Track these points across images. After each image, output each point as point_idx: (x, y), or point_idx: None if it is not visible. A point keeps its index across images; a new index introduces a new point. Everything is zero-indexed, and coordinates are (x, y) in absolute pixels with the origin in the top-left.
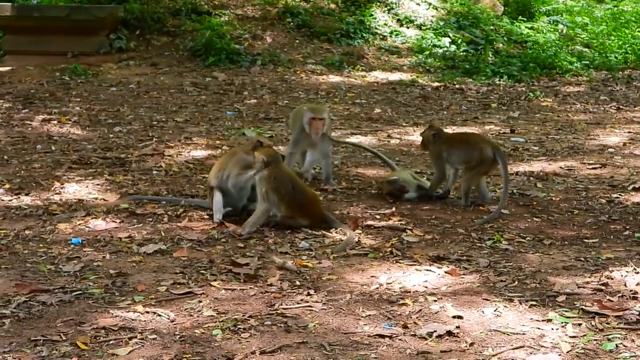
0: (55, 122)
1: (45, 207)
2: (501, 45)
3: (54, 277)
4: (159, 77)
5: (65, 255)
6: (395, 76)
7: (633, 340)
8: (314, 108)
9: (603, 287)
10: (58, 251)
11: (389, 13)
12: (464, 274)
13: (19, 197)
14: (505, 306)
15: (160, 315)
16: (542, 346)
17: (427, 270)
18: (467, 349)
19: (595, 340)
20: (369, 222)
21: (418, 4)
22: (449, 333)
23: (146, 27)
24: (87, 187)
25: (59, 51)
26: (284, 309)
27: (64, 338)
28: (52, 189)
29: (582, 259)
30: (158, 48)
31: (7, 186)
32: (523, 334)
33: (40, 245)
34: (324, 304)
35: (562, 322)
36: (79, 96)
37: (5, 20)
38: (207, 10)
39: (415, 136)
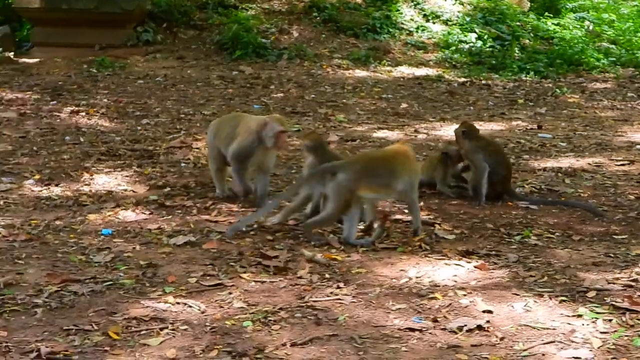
0: (84, 113)
1: (75, 198)
2: (527, 41)
3: (85, 267)
4: (186, 70)
5: (95, 245)
6: (421, 71)
7: None
8: (281, 120)
9: (633, 283)
10: (88, 242)
11: (415, 8)
12: (493, 269)
13: (48, 188)
14: (535, 301)
15: (191, 307)
16: (572, 341)
17: (457, 264)
18: (498, 344)
19: (626, 336)
20: (398, 217)
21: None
22: (479, 327)
23: (173, 20)
24: (116, 178)
25: (87, 43)
26: (314, 301)
27: (96, 328)
28: (82, 180)
29: (612, 254)
30: (185, 41)
31: (37, 177)
32: (553, 329)
33: (71, 235)
34: (353, 297)
35: (592, 318)
36: (107, 88)
37: (34, 13)
38: (234, 3)
39: (442, 131)
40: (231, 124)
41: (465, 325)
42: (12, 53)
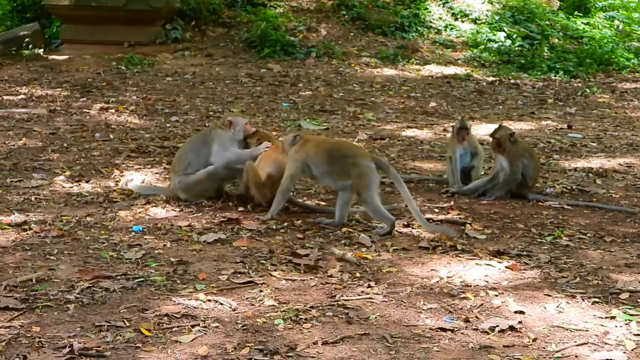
0: (113, 110)
1: (106, 194)
2: (557, 40)
3: (116, 264)
4: (214, 67)
5: (126, 242)
6: (449, 70)
7: None
8: (240, 114)
9: None
10: (119, 238)
11: (443, 7)
12: (524, 269)
13: (79, 185)
14: (567, 302)
15: (222, 304)
16: (606, 343)
17: (488, 264)
18: (530, 345)
19: None
20: (428, 216)
21: None
22: (511, 328)
23: (202, 18)
24: (146, 175)
25: (116, 41)
26: (344, 300)
27: (128, 324)
28: (112, 176)
29: None
30: (213, 39)
31: (67, 173)
32: (586, 330)
33: (102, 232)
34: (384, 296)
35: (625, 320)
36: (136, 85)
37: (63, 10)
38: (262, 1)
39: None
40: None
41: (497, 326)
42: (42, 50)
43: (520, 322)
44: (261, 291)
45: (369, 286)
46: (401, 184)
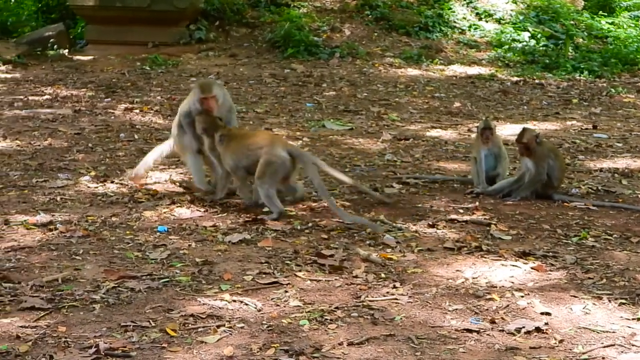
0: (137, 111)
1: (131, 194)
2: (581, 40)
3: (142, 264)
4: (238, 68)
5: (151, 242)
6: (474, 70)
7: None
8: (202, 86)
9: None
10: (144, 238)
11: (467, 7)
12: (550, 270)
13: (104, 185)
14: (594, 304)
15: (247, 304)
16: (633, 345)
17: (513, 265)
18: (557, 346)
19: None
20: (453, 217)
21: None
22: (538, 329)
23: (225, 18)
24: (170, 175)
25: (140, 41)
26: (370, 300)
27: (153, 324)
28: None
29: None
30: (237, 39)
31: (92, 173)
32: (613, 332)
33: (127, 232)
34: (409, 297)
35: None
36: (160, 86)
37: (88, 10)
38: (286, 2)
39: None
40: None
41: (524, 327)
42: (67, 50)
43: (546, 324)
44: (286, 292)
45: (394, 287)
46: (316, 174)
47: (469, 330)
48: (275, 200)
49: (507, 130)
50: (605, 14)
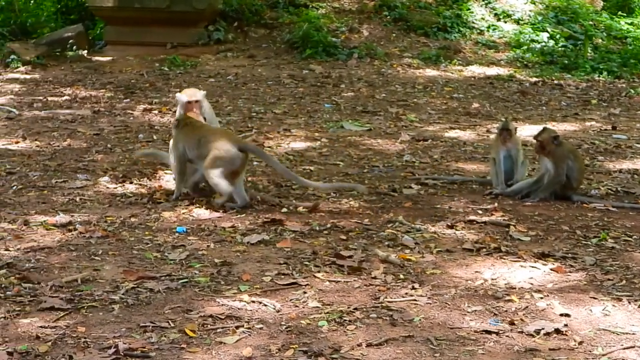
0: (156, 111)
1: (150, 195)
2: (600, 40)
3: (160, 264)
4: (257, 68)
5: (170, 243)
6: (492, 71)
7: None
8: (187, 92)
9: None
10: (163, 239)
11: (486, 7)
12: (570, 272)
13: (123, 185)
14: (613, 305)
15: (266, 305)
16: None
17: (532, 266)
18: (576, 348)
19: None
20: (472, 217)
21: None
22: (557, 331)
23: (244, 19)
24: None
25: (159, 42)
26: (388, 302)
27: (172, 325)
28: (156, 177)
29: None
30: (255, 40)
31: (111, 174)
32: (633, 334)
33: (146, 232)
34: (428, 298)
35: None
36: (178, 87)
37: (107, 11)
38: (304, 2)
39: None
40: None
41: (543, 329)
42: (86, 51)
43: (565, 325)
44: (305, 292)
45: (413, 288)
46: (269, 159)
47: (488, 332)
48: (225, 183)
49: (525, 131)
50: (625, 14)
